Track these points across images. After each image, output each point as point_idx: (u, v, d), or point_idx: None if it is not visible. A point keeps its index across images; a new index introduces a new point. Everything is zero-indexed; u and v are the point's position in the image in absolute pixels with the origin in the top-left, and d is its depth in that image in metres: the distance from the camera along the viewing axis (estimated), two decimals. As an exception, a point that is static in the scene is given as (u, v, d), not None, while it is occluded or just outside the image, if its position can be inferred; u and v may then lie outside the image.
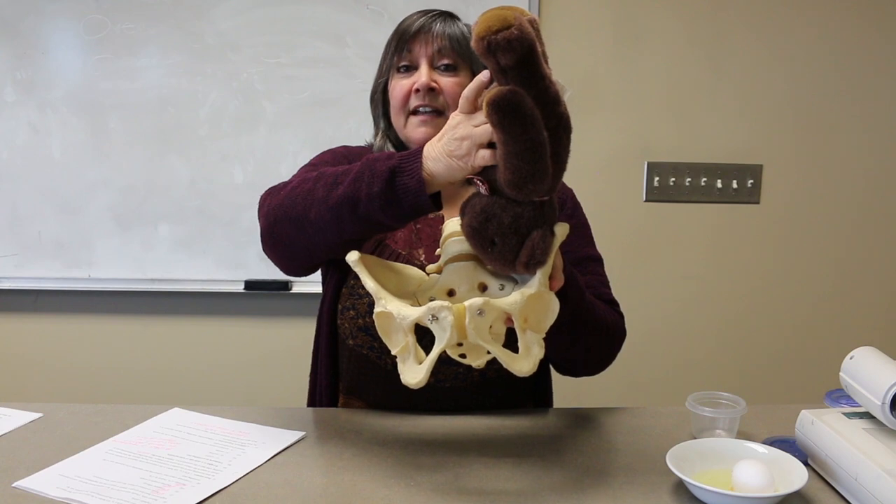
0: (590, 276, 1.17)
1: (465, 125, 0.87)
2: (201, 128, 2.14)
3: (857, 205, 2.31)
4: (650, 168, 2.25)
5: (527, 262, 0.87)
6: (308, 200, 0.97)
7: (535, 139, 0.81)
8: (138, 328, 2.26)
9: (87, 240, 2.18)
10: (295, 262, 1.10)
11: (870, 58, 2.24)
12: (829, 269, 2.33)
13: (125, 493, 0.88)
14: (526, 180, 0.82)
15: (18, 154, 2.14)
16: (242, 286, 2.19)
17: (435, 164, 0.89)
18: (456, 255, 0.96)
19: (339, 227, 0.96)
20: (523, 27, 0.79)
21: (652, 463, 0.97)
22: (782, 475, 0.86)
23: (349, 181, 0.94)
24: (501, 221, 0.86)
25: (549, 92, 0.82)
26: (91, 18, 2.09)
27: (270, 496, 0.88)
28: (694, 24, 2.20)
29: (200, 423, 1.09)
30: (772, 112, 2.25)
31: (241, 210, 2.16)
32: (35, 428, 1.08)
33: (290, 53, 2.11)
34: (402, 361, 0.89)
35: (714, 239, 2.30)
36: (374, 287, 0.90)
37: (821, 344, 2.33)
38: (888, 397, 0.86)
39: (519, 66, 0.80)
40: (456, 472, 0.95)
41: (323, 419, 1.14)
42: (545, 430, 1.10)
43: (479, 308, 0.82)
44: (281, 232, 1.03)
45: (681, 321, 2.32)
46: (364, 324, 1.15)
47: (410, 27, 1.18)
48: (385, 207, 0.91)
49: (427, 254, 1.19)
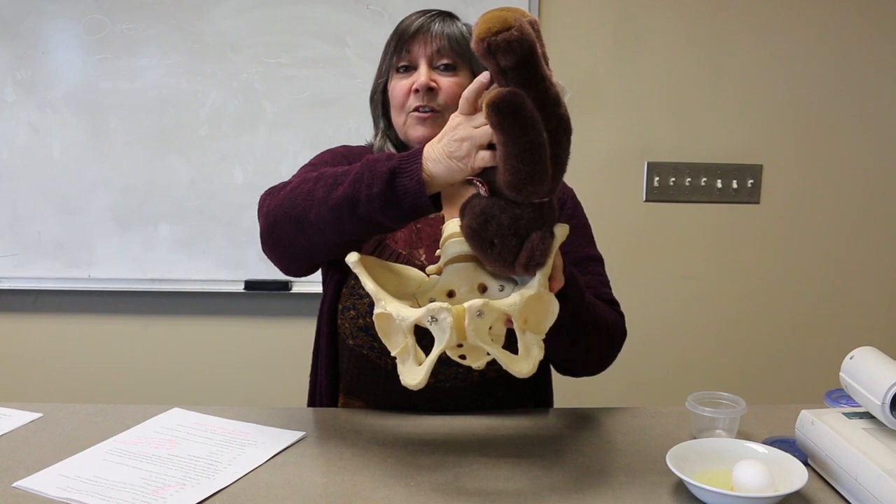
0: (590, 276, 1.17)
1: (464, 126, 0.87)
2: (201, 128, 2.14)
3: (857, 205, 2.31)
4: (650, 168, 2.25)
5: (526, 264, 0.87)
6: (308, 201, 0.97)
7: (535, 141, 0.81)
8: (138, 328, 2.26)
9: (87, 240, 2.18)
10: (294, 262, 1.09)
11: (870, 58, 2.24)
12: (829, 269, 2.33)
13: (125, 493, 0.88)
14: (525, 182, 0.82)
15: (18, 154, 2.14)
16: (242, 286, 2.19)
17: (435, 165, 0.89)
18: (456, 256, 0.96)
19: (339, 228, 0.95)
20: (523, 28, 0.79)
21: (652, 463, 0.97)
22: (782, 475, 0.86)
23: (349, 182, 0.94)
24: (501, 223, 0.86)
25: (550, 93, 0.82)
26: (91, 18, 2.09)
27: (270, 496, 0.88)
28: (694, 24, 2.20)
29: (200, 423, 1.09)
30: (772, 112, 2.25)
31: (241, 210, 2.16)
32: (35, 428, 1.08)
33: (290, 53, 2.11)
34: (401, 363, 0.89)
35: (714, 239, 2.30)
36: (374, 288, 0.90)
37: (821, 344, 2.33)
38: (888, 397, 0.86)
39: (519, 67, 0.79)
40: (456, 472, 0.95)
41: (323, 419, 1.14)
42: (545, 430, 1.10)
43: (478, 309, 0.82)
44: (281, 232, 1.02)
45: (681, 321, 2.32)
46: (364, 324, 1.15)
47: (409, 27, 1.18)
48: (385, 208, 0.91)
49: (427, 254, 1.19)
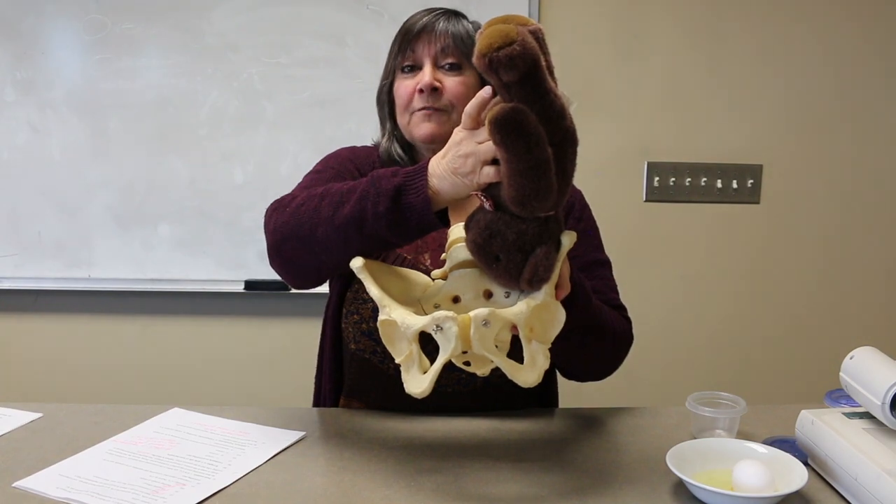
0: (597, 280, 1.16)
1: (468, 142, 0.86)
2: (201, 128, 2.14)
3: (856, 205, 2.31)
4: (650, 168, 2.25)
5: (530, 280, 0.86)
6: (314, 219, 0.96)
7: (539, 157, 0.79)
8: (138, 328, 2.26)
9: (87, 240, 2.18)
10: (302, 277, 1.07)
11: (870, 58, 2.24)
12: (829, 269, 2.33)
13: (125, 493, 0.88)
14: (530, 198, 0.81)
15: (18, 154, 2.14)
16: (242, 286, 2.19)
17: (440, 181, 0.88)
18: (461, 262, 0.95)
19: (346, 246, 0.94)
20: (526, 43, 0.77)
21: (652, 463, 0.97)
22: (782, 475, 0.86)
23: (355, 200, 0.93)
24: (506, 238, 0.85)
25: (554, 106, 0.80)
26: (91, 18, 2.09)
27: (270, 496, 0.88)
28: (694, 24, 2.20)
29: (200, 423, 1.09)
30: (772, 112, 2.25)
31: (241, 210, 2.15)
32: (35, 428, 1.08)
33: (290, 53, 2.11)
34: (405, 370, 0.88)
35: (714, 239, 2.30)
36: (379, 294, 0.89)
37: (821, 344, 2.32)
38: (888, 397, 0.86)
39: (522, 82, 0.78)
40: (456, 473, 0.95)
41: (323, 419, 1.14)
42: (545, 431, 1.10)
43: (484, 319, 0.81)
44: (288, 249, 1.01)
45: (681, 321, 2.32)
46: (367, 328, 1.14)
47: (414, 26, 1.17)
48: (391, 226, 0.91)
49: (433, 258, 1.18)
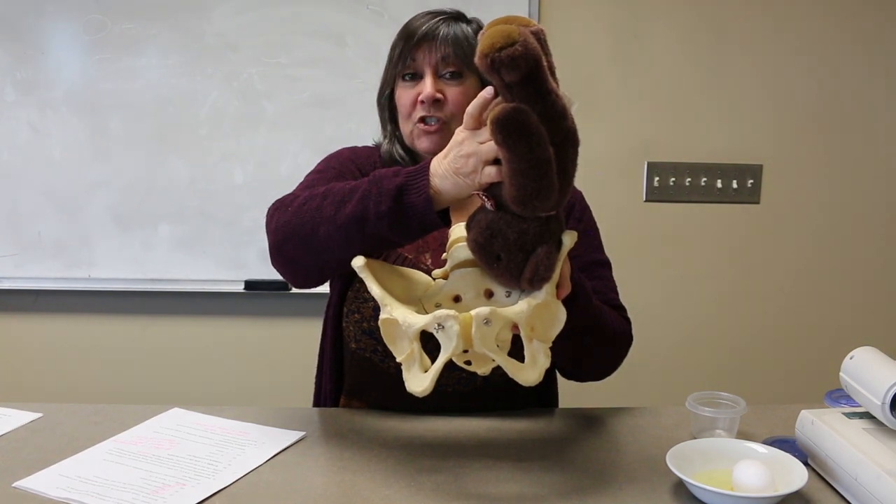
0: (597, 280, 1.16)
1: (470, 142, 0.86)
2: (201, 128, 2.14)
3: (857, 205, 2.31)
4: (650, 168, 2.25)
5: (531, 279, 0.87)
6: (316, 219, 0.96)
7: (541, 157, 0.80)
8: (138, 328, 2.26)
9: (87, 240, 2.18)
10: (304, 276, 1.07)
11: (870, 58, 2.24)
12: (830, 268, 2.33)
13: (125, 493, 0.88)
14: (531, 197, 0.82)
15: (18, 154, 2.14)
16: (242, 286, 2.18)
17: (442, 181, 0.88)
18: (462, 261, 0.95)
19: (348, 246, 0.94)
20: (528, 43, 0.77)
21: (652, 463, 0.97)
22: (782, 475, 0.86)
23: (357, 199, 0.93)
24: (507, 238, 0.86)
25: (556, 107, 0.80)
26: (91, 18, 2.09)
27: (270, 496, 0.88)
28: (694, 24, 2.20)
29: (200, 423, 1.09)
30: (772, 112, 2.25)
31: (241, 210, 2.15)
32: (35, 428, 1.08)
33: (290, 53, 2.11)
34: (406, 369, 0.88)
35: (714, 239, 2.30)
36: (380, 293, 0.89)
37: (821, 344, 2.32)
38: (888, 397, 0.86)
39: (524, 82, 0.78)
40: (456, 473, 0.95)
41: (323, 419, 1.14)
42: (545, 431, 1.10)
43: (485, 318, 0.81)
44: (289, 249, 1.01)
45: (681, 321, 2.32)
46: (368, 327, 1.14)
47: (415, 32, 1.14)
48: (393, 226, 0.91)
49: (434, 258, 1.17)
